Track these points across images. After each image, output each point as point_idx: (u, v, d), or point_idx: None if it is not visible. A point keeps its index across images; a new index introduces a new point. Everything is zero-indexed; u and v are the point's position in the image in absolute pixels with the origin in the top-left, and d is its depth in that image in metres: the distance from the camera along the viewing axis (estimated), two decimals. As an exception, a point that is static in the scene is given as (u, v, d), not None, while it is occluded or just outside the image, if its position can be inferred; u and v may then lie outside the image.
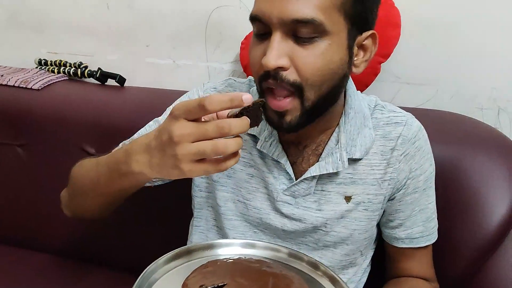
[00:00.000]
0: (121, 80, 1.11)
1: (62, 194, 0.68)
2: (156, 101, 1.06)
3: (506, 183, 0.73)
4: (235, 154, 0.44)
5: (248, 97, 0.41)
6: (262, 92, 0.55)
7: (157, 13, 1.09)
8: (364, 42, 0.55)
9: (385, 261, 0.72)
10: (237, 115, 0.43)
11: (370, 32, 0.55)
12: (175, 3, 1.07)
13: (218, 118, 0.46)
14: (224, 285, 0.45)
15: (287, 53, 0.50)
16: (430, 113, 0.91)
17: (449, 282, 0.72)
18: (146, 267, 0.48)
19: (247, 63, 0.99)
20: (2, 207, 1.03)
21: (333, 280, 0.50)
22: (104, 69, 1.13)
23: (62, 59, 1.16)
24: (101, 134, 0.96)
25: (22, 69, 1.14)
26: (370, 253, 0.70)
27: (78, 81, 1.15)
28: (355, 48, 0.55)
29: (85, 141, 0.96)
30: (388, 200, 0.65)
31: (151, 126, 0.70)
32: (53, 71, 1.14)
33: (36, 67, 1.17)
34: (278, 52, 0.50)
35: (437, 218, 0.68)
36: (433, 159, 0.66)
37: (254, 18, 0.52)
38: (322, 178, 0.62)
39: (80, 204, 0.66)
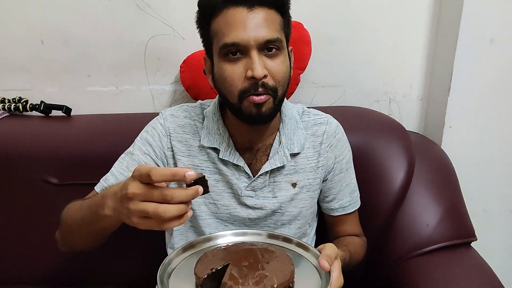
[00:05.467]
0: (67, 110, 1.16)
1: (56, 234, 0.77)
2: (105, 125, 1.14)
3: (401, 157, 0.99)
4: (180, 217, 0.52)
5: (191, 174, 0.51)
6: (241, 99, 0.69)
7: (94, 47, 1.15)
8: (289, 53, 0.75)
9: (325, 229, 0.93)
10: (191, 184, 0.51)
11: (290, 46, 0.76)
12: (110, 36, 1.14)
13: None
14: (228, 264, 0.58)
15: (264, 65, 0.68)
16: (341, 109, 1.15)
17: (372, 233, 0.95)
18: (159, 263, 0.59)
19: (188, 84, 1.13)
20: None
21: (305, 248, 0.66)
22: (45, 101, 1.16)
23: (-1, 96, 1.17)
24: (61, 164, 1.02)
25: (-42, 111, 1.13)
26: (315, 224, 0.91)
27: (20, 115, 1.17)
28: None
29: (47, 172, 1.01)
30: (323, 182, 0.85)
31: (124, 158, 0.80)
32: (-8, 109, 1.15)
33: (-28, 107, 1.16)
34: (261, 65, 0.67)
35: (359, 189, 0.91)
36: (349, 145, 0.87)
37: (231, 45, 0.66)
38: (273, 172, 0.80)
39: (71, 241, 0.75)
